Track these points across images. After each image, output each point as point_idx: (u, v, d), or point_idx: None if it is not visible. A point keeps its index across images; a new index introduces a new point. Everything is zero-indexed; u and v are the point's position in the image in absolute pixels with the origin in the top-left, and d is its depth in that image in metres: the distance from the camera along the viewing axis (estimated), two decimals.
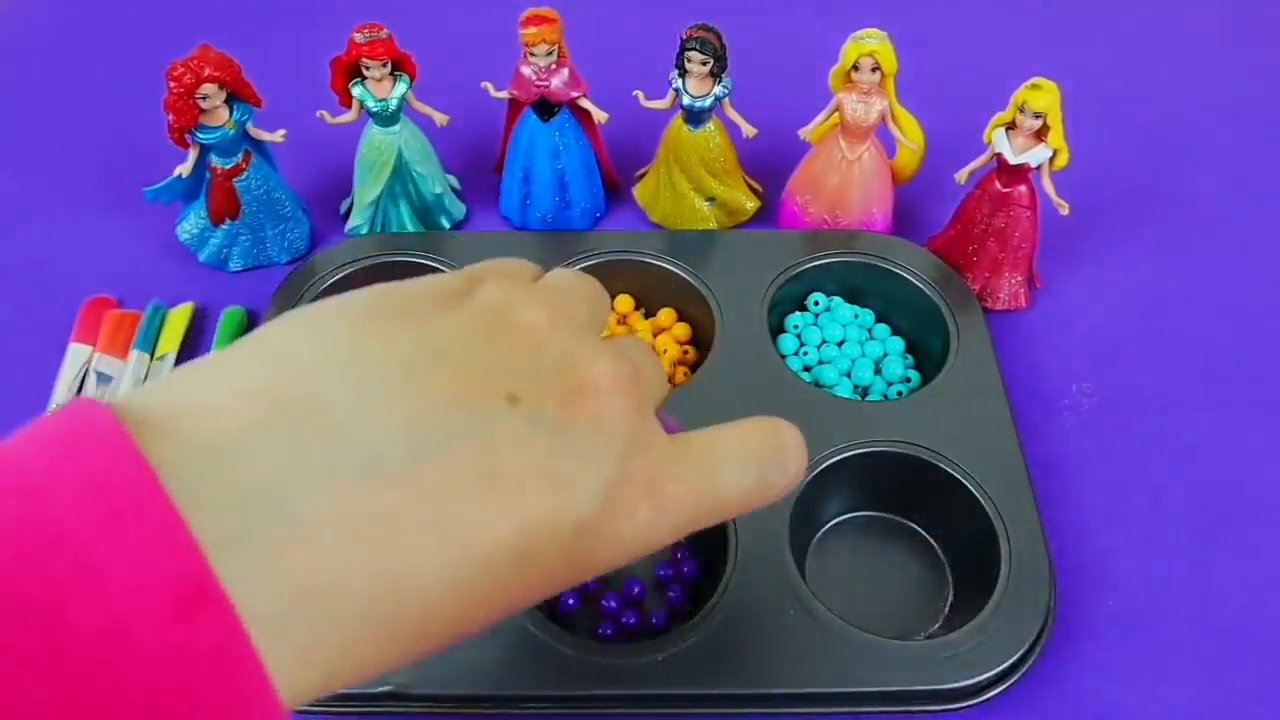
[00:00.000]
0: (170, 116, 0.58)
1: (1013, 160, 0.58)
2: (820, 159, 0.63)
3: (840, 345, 0.60)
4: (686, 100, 0.61)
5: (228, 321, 0.62)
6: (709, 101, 0.61)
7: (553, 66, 0.61)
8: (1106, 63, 0.80)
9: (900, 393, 0.58)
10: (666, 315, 0.62)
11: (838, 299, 0.63)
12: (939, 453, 0.52)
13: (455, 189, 0.69)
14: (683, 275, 0.61)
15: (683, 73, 0.60)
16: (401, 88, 0.61)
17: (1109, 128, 0.74)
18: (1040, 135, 0.57)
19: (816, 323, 0.62)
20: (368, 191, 0.64)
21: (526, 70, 0.61)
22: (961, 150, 0.60)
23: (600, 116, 0.63)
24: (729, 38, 0.59)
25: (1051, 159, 0.57)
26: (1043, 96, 0.55)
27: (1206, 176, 0.72)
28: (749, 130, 0.63)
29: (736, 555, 0.49)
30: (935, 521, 0.54)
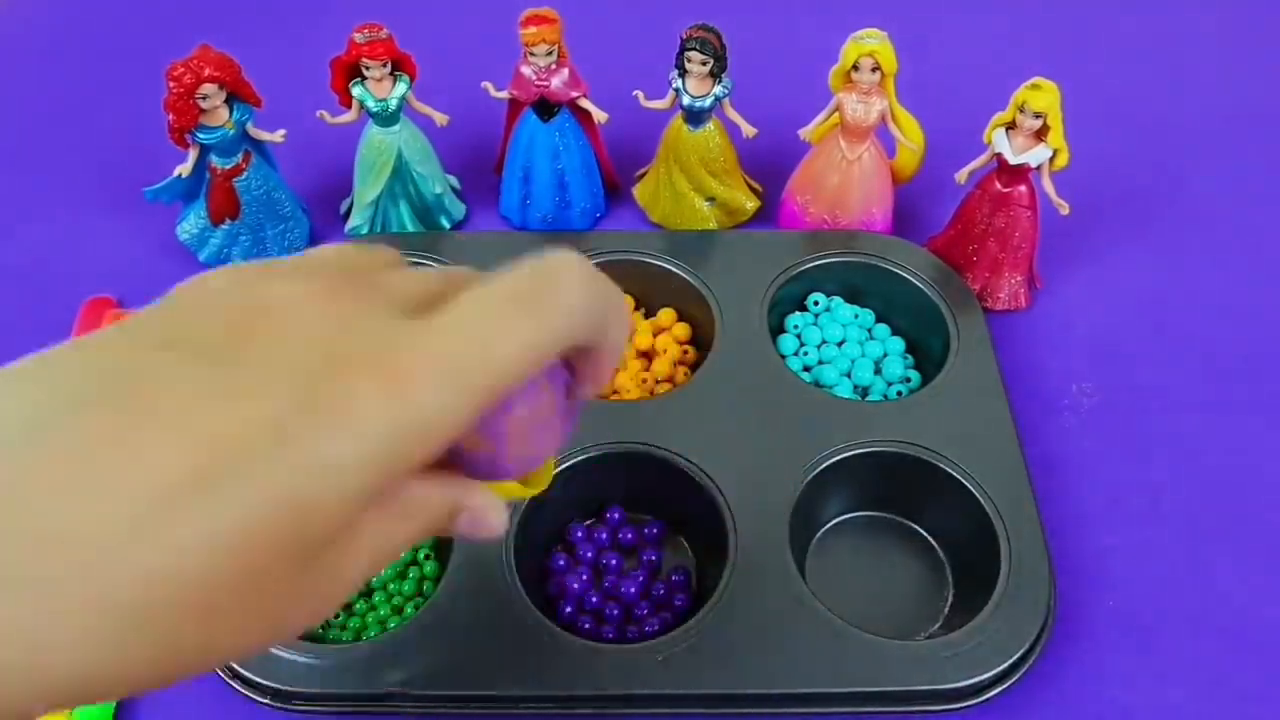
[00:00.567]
0: (170, 116, 0.58)
1: (1013, 160, 0.58)
2: (820, 159, 0.63)
3: (840, 345, 0.60)
4: (686, 100, 0.61)
5: None
6: (709, 101, 0.61)
7: (553, 66, 0.61)
8: (1106, 63, 0.80)
9: (900, 393, 0.58)
10: (666, 315, 0.62)
11: (838, 299, 0.63)
12: (939, 453, 0.53)
13: (455, 189, 0.69)
14: (683, 275, 0.61)
15: (683, 73, 0.60)
16: (401, 88, 0.61)
17: (1109, 128, 0.74)
18: (1040, 135, 0.57)
19: (816, 323, 0.62)
20: (368, 191, 0.64)
21: (526, 70, 0.61)
22: (961, 150, 0.60)
23: (600, 116, 0.63)
24: (729, 38, 0.59)
25: (1051, 159, 0.57)
26: (1043, 96, 0.55)
27: (1206, 176, 0.72)
28: (749, 130, 0.63)
29: (736, 555, 0.49)
30: (935, 521, 0.54)
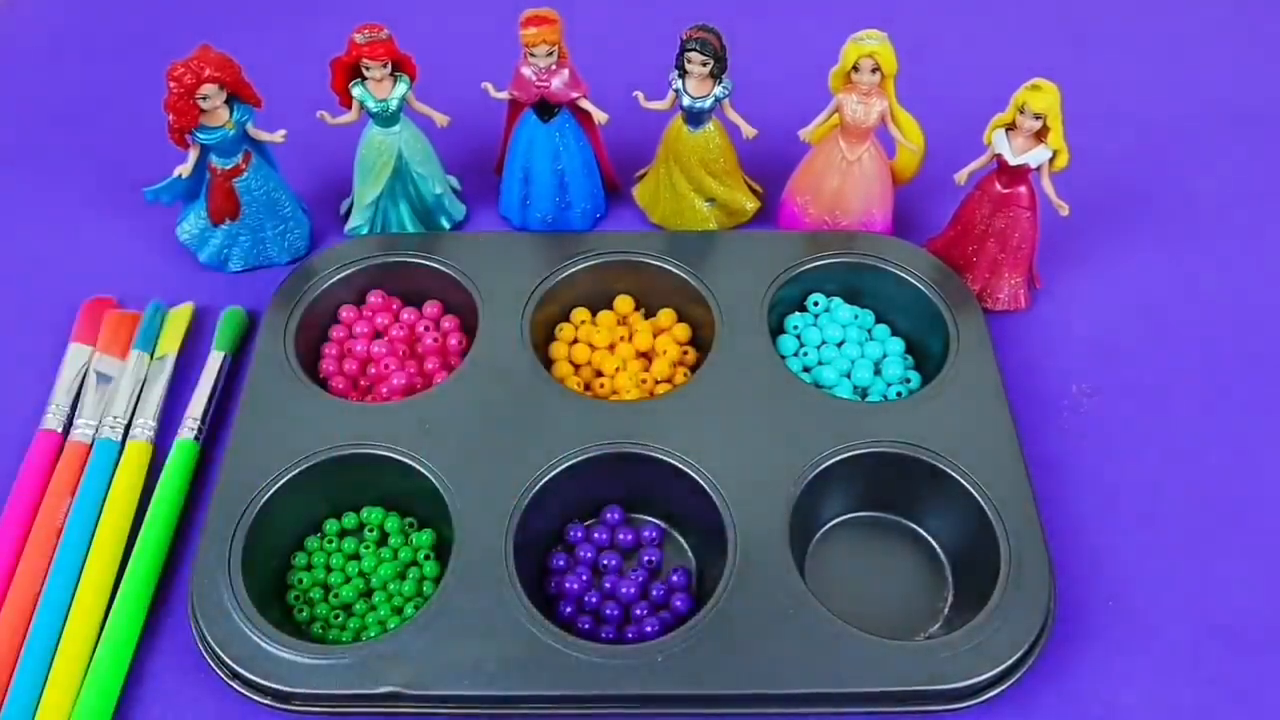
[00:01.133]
0: (170, 116, 0.58)
1: (1012, 161, 0.58)
2: (820, 160, 0.63)
3: (840, 346, 0.60)
4: (686, 101, 0.61)
5: (228, 321, 0.62)
6: (709, 102, 0.61)
7: (553, 67, 0.61)
8: (1106, 63, 0.81)
9: (900, 393, 0.58)
10: (666, 315, 0.62)
11: (837, 299, 0.63)
12: (939, 453, 0.53)
13: (455, 189, 0.69)
14: (683, 275, 0.61)
15: (683, 73, 0.60)
16: (401, 88, 0.61)
17: (1109, 128, 0.74)
18: (1040, 136, 0.57)
19: (816, 323, 0.62)
20: (368, 192, 0.64)
21: (527, 71, 0.61)
22: (961, 151, 0.60)
23: (600, 117, 0.63)
24: (729, 38, 0.59)
25: (1051, 160, 0.57)
26: (1042, 97, 0.55)
27: (1206, 177, 0.72)
28: (749, 131, 0.63)
29: (736, 556, 0.49)
30: (935, 521, 0.54)
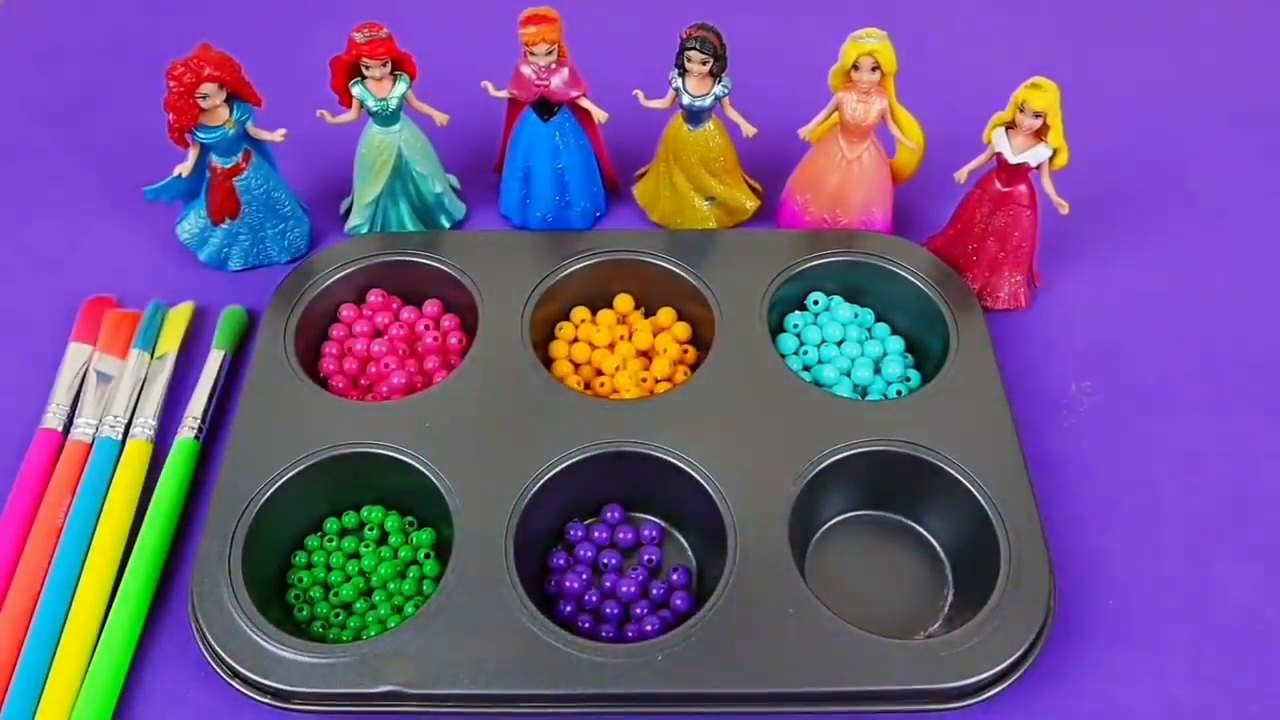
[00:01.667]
0: (170, 116, 0.58)
1: (1012, 159, 0.58)
2: (820, 158, 0.63)
3: (840, 345, 0.60)
4: (686, 100, 0.61)
5: (228, 321, 0.62)
6: (709, 101, 0.61)
7: (553, 66, 0.61)
8: (1106, 62, 0.80)
9: (900, 392, 0.58)
10: (666, 315, 0.62)
11: (837, 298, 0.62)
12: (939, 452, 0.53)
13: (455, 188, 0.69)
14: (683, 275, 0.61)
15: (682, 72, 0.60)
16: (401, 87, 0.61)
17: (1109, 127, 0.74)
18: (1040, 135, 0.57)
19: (816, 322, 0.62)
20: (368, 191, 0.64)
21: (526, 70, 0.61)
22: (961, 149, 0.60)
23: (600, 116, 0.63)
24: (729, 37, 0.59)
25: (1051, 158, 0.57)
26: (1042, 96, 0.55)
27: (1206, 176, 0.72)
28: (749, 130, 0.63)
29: (736, 555, 0.49)
30: (935, 521, 0.54)
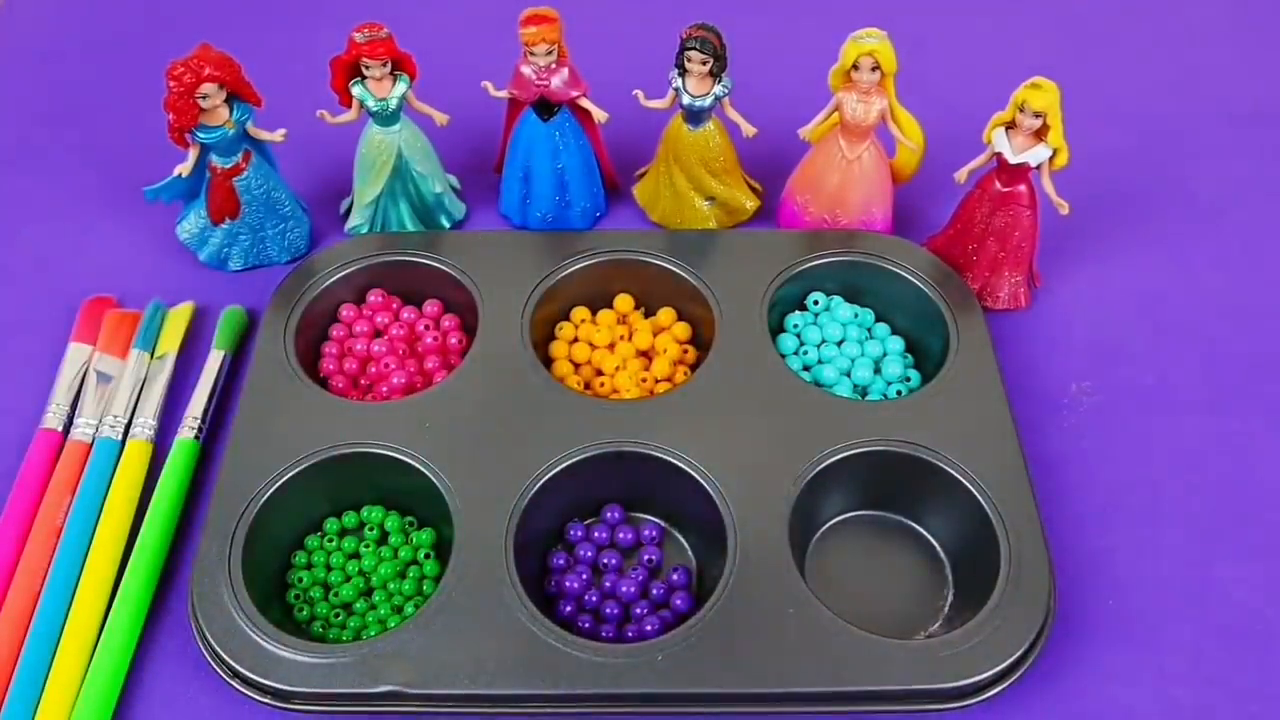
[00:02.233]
0: (170, 116, 0.58)
1: (1012, 159, 0.58)
2: (820, 158, 0.63)
3: (840, 345, 0.60)
4: (686, 100, 0.61)
5: (228, 320, 0.62)
6: (709, 101, 0.61)
7: (552, 66, 0.61)
8: (1107, 62, 0.80)
9: (900, 392, 0.58)
10: (666, 315, 0.62)
11: (837, 298, 0.62)
12: (939, 452, 0.52)
13: (455, 188, 0.69)
14: (683, 275, 0.61)
15: (682, 72, 0.60)
16: (401, 87, 0.61)
17: (1109, 127, 0.74)
18: (1040, 134, 0.57)
19: (816, 322, 0.62)
20: (368, 191, 0.64)
21: (526, 70, 0.61)
22: (961, 149, 0.60)
23: (600, 116, 0.63)
24: (729, 37, 0.59)
25: (1051, 158, 0.57)
26: (1042, 96, 0.55)
27: (1206, 176, 0.72)
28: (749, 130, 0.63)
29: (736, 555, 0.49)
30: (935, 521, 0.54)
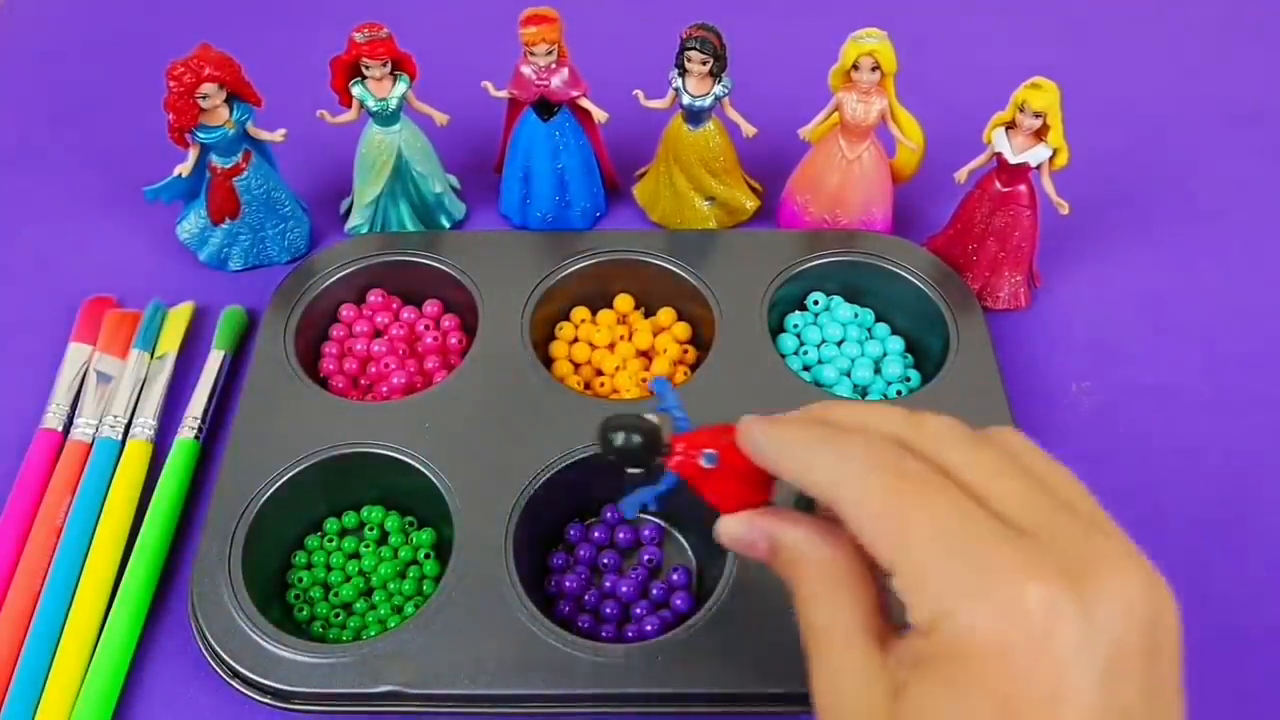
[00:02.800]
0: (170, 116, 0.58)
1: (1012, 159, 0.58)
2: (820, 158, 0.63)
3: (840, 345, 0.60)
4: (686, 100, 0.61)
5: (228, 321, 0.62)
6: (709, 101, 0.61)
7: (553, 66, 0.61)
8: (1107, 62, 0.80)
9: (900, 392, 0.58)
10: (666, 315, 0.62)
11: (837, 298, 0.63)
12: None
13: (455, 188, 0.69)
14: (683, 275, 0.61)
15: (682, 72, 0.60)
16: (401, 87, 0.61)
17: (1109, 127, 0.74)
18: (1040, 134, 0.57)
19: (816, 322, 0.62)
20: (368, 191, 0.64)
21: (526, 70, 0.61)
22: (961, 150, 0.60)
23: (600, 116, 0.63)
24: (729, 37, 0.59)
25: (1051, 158, 0.57)
26: (1042, 96, 0.55)
27: (1206, 176, 0.72)
28: (749, 130, 0.63)
29: (736, 555, 0.49)
30: None
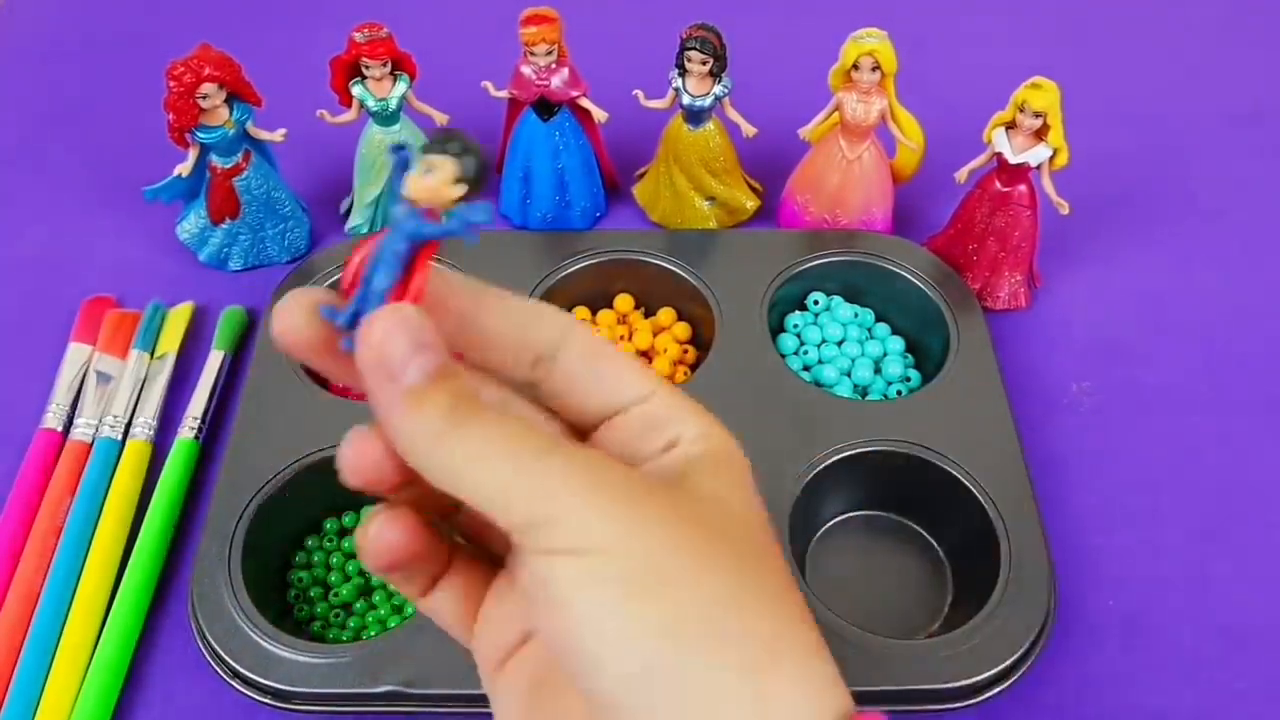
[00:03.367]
0: (170, 116, 0.58)
1: (1013, 159, 0.58)
2: (820, 158, 0.63)
3: (840, 345, 0.60)
4: (686, 100, 0.61)
5: (228, 321, 0.62)
6: (709, 101, 0.61)
7: (553, 66, 0.61)
8: (1106, 62, 0.80)
9: (900, 392, 0.58)
10: (666, 315, 0.62)
11: (837, 298, 0.62)
12: (939, 452, 0.52)
13: None
14: (683, 275, 0.61)
15: (683, 72, 0.60)
16: (401, 87, 0.61)
17: (1109, 127, 0.74)
18: (1040, 134, 0.57)
19: (816, 322, 0.62)
20: (368, 190, 0.64)
21: (526, 70, 0.61)
22: (961, 150, 0.60)
23: (600, 116, 0.63)
24: (729, 37, 0.59)
25: (1051, 158, 0.57)
26: (1043, 96, 0.55)
27: (1206, 176, 0.72)
28: (749, 130, 0.63)
29: None
30: (935, 521, 0.54)
